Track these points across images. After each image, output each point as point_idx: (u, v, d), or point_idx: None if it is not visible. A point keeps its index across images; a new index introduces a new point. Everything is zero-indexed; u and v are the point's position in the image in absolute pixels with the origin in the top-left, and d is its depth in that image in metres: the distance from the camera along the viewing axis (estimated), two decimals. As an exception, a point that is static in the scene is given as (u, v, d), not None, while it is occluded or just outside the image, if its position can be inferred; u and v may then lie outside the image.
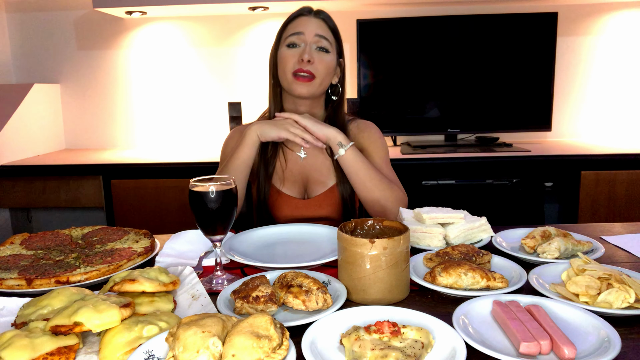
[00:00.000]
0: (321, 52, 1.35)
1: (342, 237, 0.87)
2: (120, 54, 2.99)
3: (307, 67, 1.32)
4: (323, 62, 1.35)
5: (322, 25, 1.37)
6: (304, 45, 1.35)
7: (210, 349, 0.60)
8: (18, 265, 1.01)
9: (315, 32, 1.35)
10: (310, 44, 1.34)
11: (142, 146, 3.06)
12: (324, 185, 1.43)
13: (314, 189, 1.43)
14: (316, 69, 1.34)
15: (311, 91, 1.36)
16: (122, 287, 0.79)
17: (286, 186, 1.43)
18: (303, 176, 1.44)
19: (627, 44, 2.88)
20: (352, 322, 0.74)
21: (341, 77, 1.46)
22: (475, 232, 1.12)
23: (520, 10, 2.75)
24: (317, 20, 1.38)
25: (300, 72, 1.33)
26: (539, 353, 0.66)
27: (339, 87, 1.45)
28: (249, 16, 2.90)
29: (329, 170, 1.43)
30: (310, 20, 1.37)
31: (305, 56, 1.32)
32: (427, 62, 2.74)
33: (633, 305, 0.77)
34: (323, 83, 1.38)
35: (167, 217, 2.50)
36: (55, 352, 0.65)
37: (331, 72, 1.39)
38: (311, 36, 1.35)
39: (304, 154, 1.44)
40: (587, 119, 2.96)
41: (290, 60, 1.34)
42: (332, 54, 1.38)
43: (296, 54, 1.34)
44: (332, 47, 1.38)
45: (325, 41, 1.36)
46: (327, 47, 1.36)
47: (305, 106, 1.41)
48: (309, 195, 1.44)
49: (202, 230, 0.96)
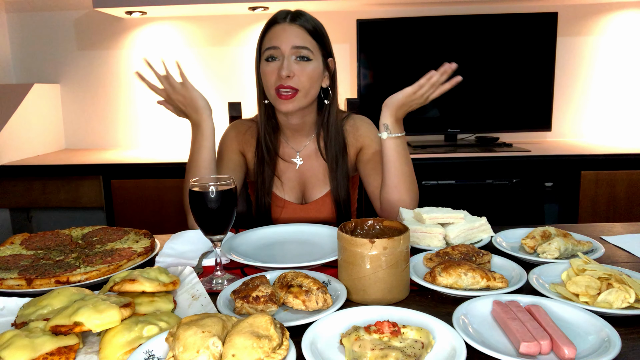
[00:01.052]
0: (302, 61, 1.29)
1: (342, 237, 0.87)
2: (120, 54, 2.99)
3: (287, 83, 1.27)
4: (304, 73, 1.29)
5: (299, 33, 1.29)
6: (282, 58, 1.28)
7: (210, 349, 0.60)
8: (18, 265, 1.01)
9: (292, 43, 1.28)
10: (288, 57, 1.28)
11: (143, 146, 3.06)
12: (321, 190, 1.42)
13: (312, 193, 1.43)
14: (298, 82, 1.28)
15: (297, 106, 1.31)
16: (122, 287, 0.79)
17: (284, 192, 1.42)
18: (300, 182, 1.44)
19: (627, 44, 2.88)
20: (352, 322, 0.74)
21: (332, 78, 1.40)
22: (475, 232, 1.12)
23: (520, 10, 2.75)
24: (294, 28, 1.29)
25: (282, 88, 1.28)
26: (539, 353, 0.66)
27: (330, 90, 1.39)
28: (249, 16, 2.90)
29: (326, 174, 1.43)
30: (286, 30, 1.29)
31: (282, 72, 1.26)
32: (427, 62, 2.72)
33: (633, 305, 0.77)
34: (309, 94, 1.32)
35: (167, 217, 2.50)
36: (55, 352, 0.65)
37: (316, 79, 1.32)
38: (288, 48, 1.28)
39: (301, 161, 1.43)
40: (587, 119, 2.96)
41: (270, 76, 1.30)
42: (315, 61, 1.31)
43: (275, 68, 1.29)
44: (315, 52, 1.31)
45: (304, 50, 1.29)
46: (308, 56, 1.29)
47: (296, 118, 1.38)
48: (307, 200, 1.43)
49: (202, 230, 0.96)
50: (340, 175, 1.40)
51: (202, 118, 1.27)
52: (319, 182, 1.43)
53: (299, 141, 1.45)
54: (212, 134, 1.28)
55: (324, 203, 1.41)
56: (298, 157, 1.43)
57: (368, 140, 1.43)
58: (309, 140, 1.45)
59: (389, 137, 1.27)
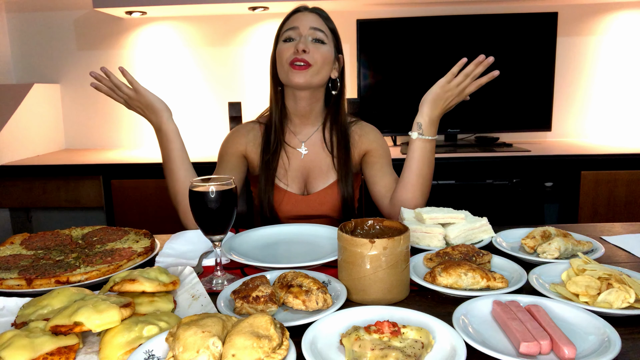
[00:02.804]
0: (317, 43, 1.36)
1: (342, 237, 0.87)
2: (120, 54, 2.99)
3: (302, 57, 1.33)
4: (319, 51, 1.35)
5: (317, 19, 1.39)
6: (300, 37, 1.36)
7: (210, 349, 0.60)
8: (18, 265, 1.01)
9: (310, 25, 1.37)
10: (305, 36, 1.35)
11: (143, 146, 3.06)
12: (325, 182, 1.43)
13: (315, 184, 1.43)
14: (312, 58, 1.34)
15: (308, 79, 1.35)
16: (122, 287, 0.79)
17: (287, 182, 1.43)
18: (304, 172, 1.44)
19: (627, 44, 2.88)
20: (352, 322, 0.74)
21: (341, 73, 1.46)
22: (475, 233, 1.12)
23: (520, 10, 2.75)
24: (312, 14, 1.40)
25: (296, 61, 1.33)
26: (539, 353, 0.66)
27: (338, 82, 1.45)
28: (249, 16, 2.90)
29: (329, 166, 1.44)
30: (305, 15, 1.39)
31: (300, 46, 1.33)
32: (427, 62, 2.74)
33: (633, 305, 0.77)
34: (320, 72, 1.37)
35: (167, 217, 2.50)
36: (55, 352, 0.65)
37: (328, 62, 1.38)
38: (306, 29, 1.36)
39: (306, 150, 1.45)
40: (587, 119, 2.96)
41: (286, 52, 1.35)
42: (328, 46, 1.38)
43: (292, 46, 1.35)
44: (329, 39, 1.39)
45: (320, 33, 1.37)
46: (323, 39, 1.37)
47: (305, 100, 1.41)
48: (310, 192, 1.44)
49: (202, 230, 0.96)
50: (346, 167, 1.43)
51: (161, 120, 1.30)
52: (322, 173, 1.44)
53: (305, 130, 1.47)
54: (175, 135, 1.32)
55: (326, 195, 1.42)
56: (303, 146, 1.45)
57: (375, 145, 1.46)
58: (315, 130, 1.47)
59: (418, 138, 1.28)
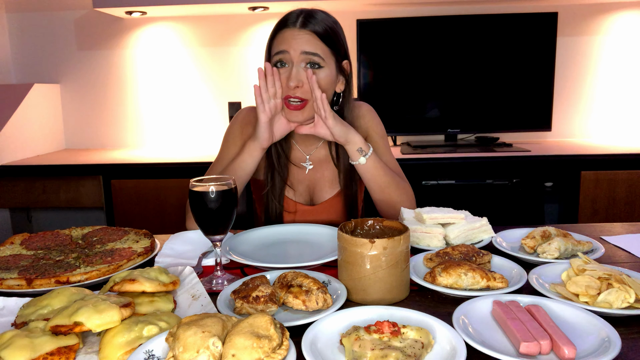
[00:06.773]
0: (312, 69, 1.23)
1: (342, 237, 0.87)
2: (120, 54, 2.99)
3: (296, 94, 1.22)
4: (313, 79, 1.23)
5: (309, 39, 1.22)
6: (291, 65, 1.23)
7: (210, 349, 0.60)
8: (18, 265, 1.01)
9: (302, 49, 1.22)
10: (297, 64, 1.22)
11: (143, 146, 3.06)
12: (330, 192, 1.41)
13: (320, 195, 1.42)
14: (307, 92, 1.23)
15: (307, 117, 1.26)
16: (122, 287, 0.79)
17: (293, 194, 1.41)
18: (310, 185, 1.42)
19: (627, 44, 2.88)
20: (352, 322, 0.74)
21: (348, 79, 1.35)
22: (475, 233, 1.12)
23: (520, 10, 2.75)
24: (303, 34, 1.22)
25: (290, 98, 1.23)
26: (539, 353, 0.66)
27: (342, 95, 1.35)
28: (249, 16, 2.90)
29: (335, 177, 1.41)
30: (295, 37, 1.22)
31: (291, 83, 1.21)
32: (427, 62, 2.74)
33: (633, 305, 0.77)
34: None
35: (167, 217, 2.50)
36: (55, 352, 0.65)
37: (328, 86, 1.27)
38: (297, 55, 1.22)
39: (311, 165, 1.41)
40: (587, 118, 2.96)
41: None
42: (326, 68, 1.25)
43: (284, 76, 1.23)
44: (327, 59, 1.25)
45: (315, 57, 1.23)
46: (319, 62, 1.23)
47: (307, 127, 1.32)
48: (315, 202, 1.42)
49: (202, 230, 0.96)
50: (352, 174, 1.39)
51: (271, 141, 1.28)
52: (327, 183, 1.41)
53: (309, 145, 1.42)
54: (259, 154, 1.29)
55: (332, 204, 1.40)
56: (308, 161, 1.41)
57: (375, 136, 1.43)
58: (320, 144, 1.42)
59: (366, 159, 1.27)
